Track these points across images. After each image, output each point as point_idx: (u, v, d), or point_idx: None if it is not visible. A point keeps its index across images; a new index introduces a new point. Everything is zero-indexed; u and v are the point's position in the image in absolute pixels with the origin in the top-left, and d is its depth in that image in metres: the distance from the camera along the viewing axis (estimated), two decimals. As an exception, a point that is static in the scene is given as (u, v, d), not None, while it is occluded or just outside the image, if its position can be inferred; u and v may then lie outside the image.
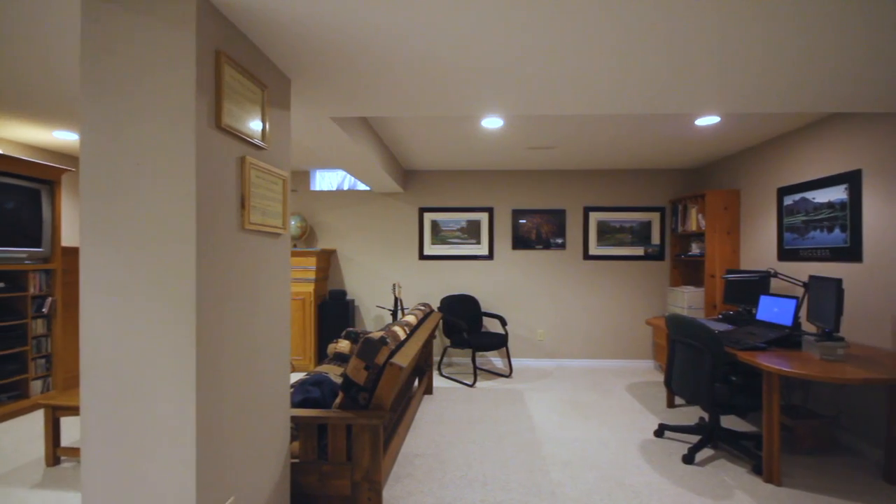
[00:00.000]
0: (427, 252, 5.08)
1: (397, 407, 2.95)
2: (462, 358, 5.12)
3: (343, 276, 5.16)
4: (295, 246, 5.05)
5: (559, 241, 5.01)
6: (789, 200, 3.47)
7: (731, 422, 3.31)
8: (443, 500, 2.25)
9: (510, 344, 5.05)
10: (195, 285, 1.30)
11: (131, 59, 1.29)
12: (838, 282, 2.58)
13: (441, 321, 4.91)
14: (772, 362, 2.35)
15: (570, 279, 5.02)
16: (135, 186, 1.30)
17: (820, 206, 3.16)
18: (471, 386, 4.22)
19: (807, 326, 3.33)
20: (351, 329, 3.61)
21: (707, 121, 3.26)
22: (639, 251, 4.99)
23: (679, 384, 2.83)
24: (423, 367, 3.84)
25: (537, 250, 5.03)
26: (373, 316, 5.13)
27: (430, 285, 5.09)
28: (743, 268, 4.08)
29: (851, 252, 2.90)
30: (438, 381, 4.36)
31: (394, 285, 4.74)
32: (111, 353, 1.31)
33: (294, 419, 2.12)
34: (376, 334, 2.28)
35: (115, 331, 1.31)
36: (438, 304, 4.84)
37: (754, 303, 3.42)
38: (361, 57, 1.79)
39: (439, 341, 5.10)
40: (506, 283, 5.05)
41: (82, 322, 1.31)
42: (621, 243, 5.00)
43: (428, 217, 5.09)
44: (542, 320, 5.04)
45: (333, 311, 4.76)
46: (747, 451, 2.61)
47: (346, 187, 5.15)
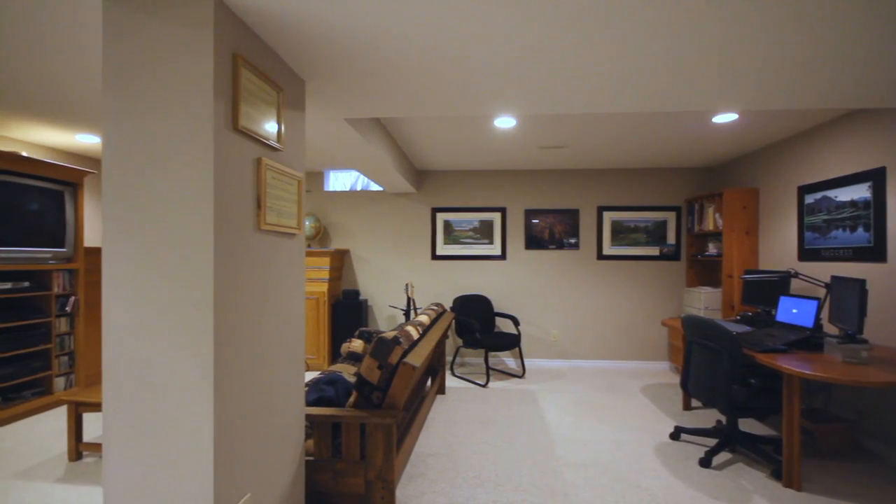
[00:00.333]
0: (440, 252, 5.09)
1: (410, 406, 2.96)
2: (475, 358, 5.11)
3: (356, 276, 5.19)
4: (309, 246, 5.10)
5: (573, 240, 4.97)
6: (810, 199, 3.39)
7: (749, 425, 3.24)
8: (455, 499, 2.25)
9: (523, 344, 5.03)
10: (213, 285, 1.32)
11: (151, 63, 1.32)
12: (862, 282, 2.51)
13: (454, 321, 4.91)
14: (792, 365, 2.30)
15: (583, 279, 4.98)
16: (155, 188, 1.33)
17: (842, 205, 3.08)
18: (483, 386, 4.21)
19: (828, 328, 3.24)
20: (364, 329, 3.64)
21: (725, 118, 3.20)
22: (654, 251, 4.93)
23: (695, 386, 2.78)
24: (435, 367, 3.85)
25: (550, 250, 5.00)
26: (386, 316, 5.15)
27: (442, 285, 5.09)
28: (762, 268, 4.00)
29: (875, 252, 2.82)
30: (451, 381, 4.36)
31: (406, 285, 4.75)
32: (132, 351, 1.34)
33: (308, 417, 2.14)
34: (389, 334, 2.29)
35: (135, 329, 1.34)
36: (451, 304, 4.84)
37: (774, 304, 3.34)
38: (374, 58, 1.80)
39: (452, 341, 5.10)
40: (518, 283, 5.03)
41: (104, 320, 1.35)
42: (636, 243, 4.94)
43: (441, 217, 5.09)
44: (556, 320, 5.00)
45: (347, 310, 4.80)
46: (766, 456, 2.56)
47: (359, 188, 5.19)
